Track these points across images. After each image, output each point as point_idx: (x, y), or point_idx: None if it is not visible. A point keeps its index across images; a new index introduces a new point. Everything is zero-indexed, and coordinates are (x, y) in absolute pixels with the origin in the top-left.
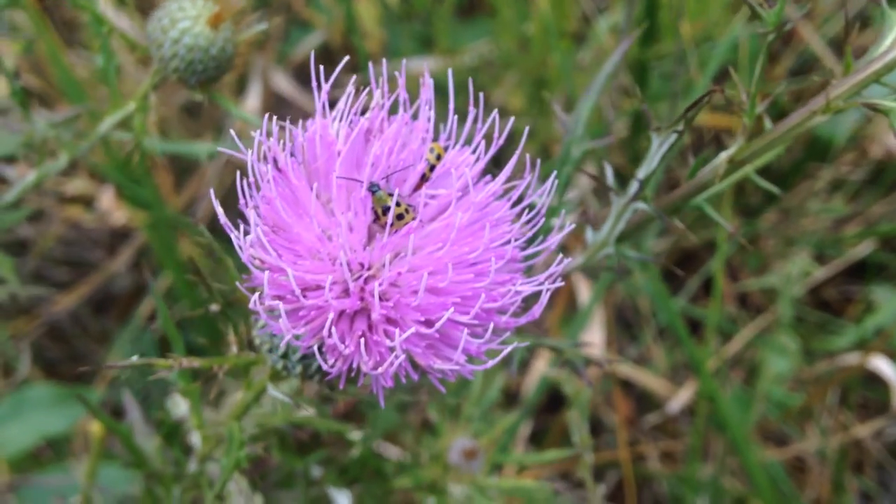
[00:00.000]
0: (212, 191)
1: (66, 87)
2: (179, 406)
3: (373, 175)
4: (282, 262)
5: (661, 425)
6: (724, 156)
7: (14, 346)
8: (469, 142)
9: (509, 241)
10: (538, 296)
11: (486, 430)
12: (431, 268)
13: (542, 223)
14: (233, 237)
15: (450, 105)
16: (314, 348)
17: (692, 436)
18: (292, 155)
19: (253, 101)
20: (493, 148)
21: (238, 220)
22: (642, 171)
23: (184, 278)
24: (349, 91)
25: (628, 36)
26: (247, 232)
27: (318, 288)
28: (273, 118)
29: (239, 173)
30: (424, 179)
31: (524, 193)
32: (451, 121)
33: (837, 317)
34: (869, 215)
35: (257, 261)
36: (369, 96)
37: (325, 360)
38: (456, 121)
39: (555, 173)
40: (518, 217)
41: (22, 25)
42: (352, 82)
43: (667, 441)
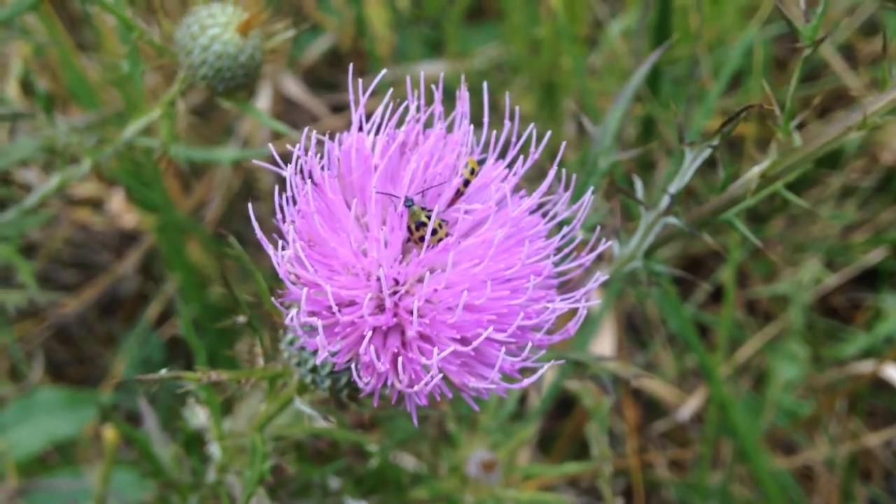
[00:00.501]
0: (250, 206)
1: (77, 91)
2: (198, 416)
3: (409, 189)
4: (318, 278)
5: (668, 432)
6: (756, 170)
7: (21, 349)
8: (499, 152)
9: (547, 257)
10: (569, 311)
11: (504, 441)
12: (468, 284)
13: (579, 238)
14: (270, 252)
15: (484, 119)
16: (351, 365)
17: (701, 443)
18: (324, 168)
19: (262, 104)
20: (530, 161)
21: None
22: (674, 185)
23: (192, 281)
24: (387, 103)
25: (653, 49)
26: (282, 247)
27: (352, 304)
28: (311, 132)
29: (277, 188)
30: (459, 194)
31: (557, 209)
32: (488, 135)
33: (846, 324)
34: (878, 222)
35: (293, 276)
36: (393, 108)
37: (360, 376)
38: (486, 132)
39: (591, 189)
40: (553, 232)
41: (32, 27)
42: (389, 94)
43: (675, 448)
